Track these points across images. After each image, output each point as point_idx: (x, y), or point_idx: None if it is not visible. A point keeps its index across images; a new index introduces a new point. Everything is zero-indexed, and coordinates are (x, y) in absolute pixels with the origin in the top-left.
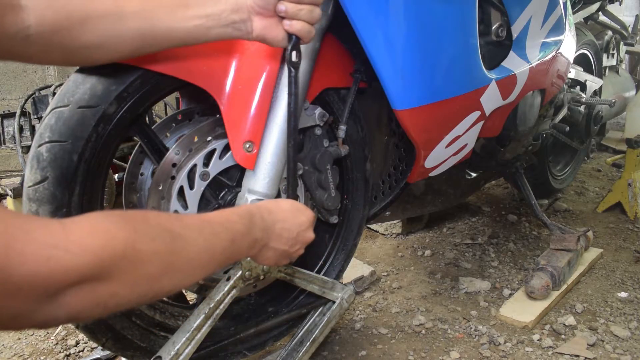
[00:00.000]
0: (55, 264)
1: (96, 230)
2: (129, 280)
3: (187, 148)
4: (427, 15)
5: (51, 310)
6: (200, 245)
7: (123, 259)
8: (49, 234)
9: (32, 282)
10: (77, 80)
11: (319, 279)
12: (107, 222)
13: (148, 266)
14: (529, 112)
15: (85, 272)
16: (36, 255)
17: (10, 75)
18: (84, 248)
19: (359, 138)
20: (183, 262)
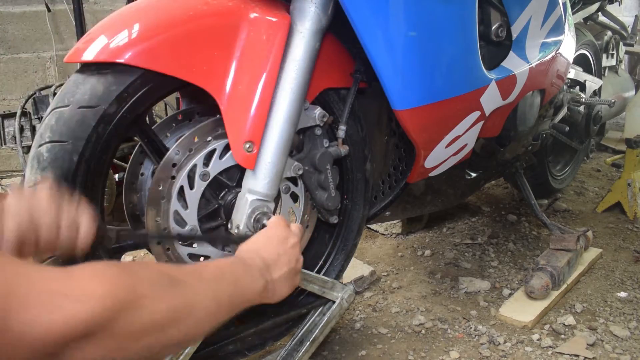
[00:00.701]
0: (57, 312)
1: (99, 277)
2: (134, 331)
3: (187, 148)
4: (427, 16)
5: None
6: (203, 290)
7: (127, 304)
8: (52, 281)
9: (33, 333)
10: (77, 81)
11: (319, 279)
12: (109, 269)
13: (152, 312)
14: (529, 112)
15: (89, 321)
16: (38, 303)
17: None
18: (88, 294)
19: (359, 138)
20: (188, 309)
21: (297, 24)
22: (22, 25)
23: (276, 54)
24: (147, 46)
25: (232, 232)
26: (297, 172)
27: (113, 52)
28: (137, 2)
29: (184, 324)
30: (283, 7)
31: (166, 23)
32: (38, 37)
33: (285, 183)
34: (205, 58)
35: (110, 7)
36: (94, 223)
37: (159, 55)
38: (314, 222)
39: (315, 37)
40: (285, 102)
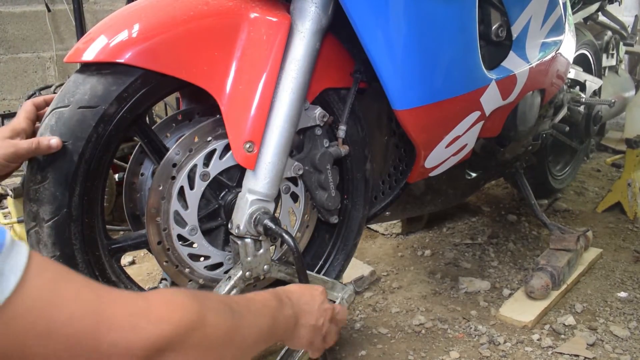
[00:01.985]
0: (140, 332)
1: (173, 304)
2: (199, 351)
3: (188, 148)
4: (427, 16)
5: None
6: (251, 322)
7: (195, 330)
8: (132, 305)
9: (119, 350)
10: (77, 81)
11: (319, 279)
12: (182, 296)
13: (215, 338)
14: (529, 112)
15: (164, 341)
16: (123, 324)
17: (10, 76)
18: (163, 319)
19: (359, 138)
20: (240, 338)
21: (298, 23)
22: (22, 25)
23: (276, 54)
24: (147, 46)
25: (233, 232)
26: (297, 172)
27: (113, 52)
28: (137, 2)
29: (235, 348)
30: (283, 7)
31: (166, 23)
32: (38, 37)
33: (285, 183)
34: (206, 58)
35: (110, 7)
36: None
37: (159, 55)
38: (314, 222)
39: (315, 37)
40: (286, 102)
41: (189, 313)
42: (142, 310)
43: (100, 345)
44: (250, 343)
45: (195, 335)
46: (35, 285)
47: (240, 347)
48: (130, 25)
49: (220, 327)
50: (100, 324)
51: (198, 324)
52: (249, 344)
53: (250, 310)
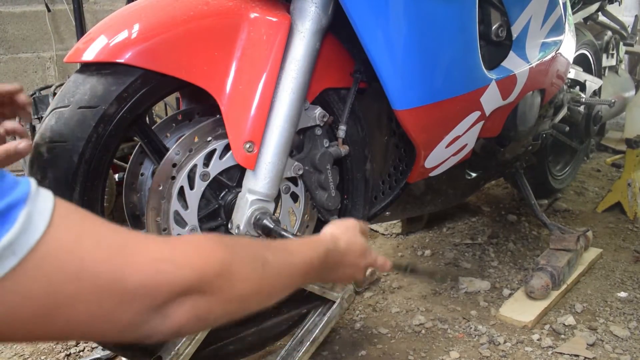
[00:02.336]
0: (163, 275)
1: (198, 248)
2: (224, 297)
3: (188, 148)
4: (427, 16)
5: (158, 323)
6: (283, 274)
7: (220, 277)
8: (157, 249)
9: (143, 291)
10: (77, 81)
11: None
12: (208, 242)
13: (241, 288)
14: (529, 112)
15: (188, 285)
16: (148, 267)
17: (10, 76)
18: (188, 263)
19: (359, 138)
20: (269, 288)
21: (298, 23)
22: (22, 25)
23: (276, 54)
24: (147, 46)
25: (233, 232)
26: (297, 172)
27: (113, 52)
28: (137, 2)
29: (262, 299)
30: (283, 7)
31: (166, 23)
32: (38, 37)
33: (285, 183)
34: (206, 58)
35: (110, 7)
36: None
37: (159, 55)
38: (314, 222)
39: (315, 37)
40: (286, 102)
41: (214, 260)
42: (167, 255)
43: (126, 288)
44: (277, 291)
45: (222, 282)
46: (63, 228)
47: (266, 295)
48: (130, 25)
49: (248, 277)
50: (125, 267)
51: (225, 270)
52: (276, 293)
53: (285, 263)
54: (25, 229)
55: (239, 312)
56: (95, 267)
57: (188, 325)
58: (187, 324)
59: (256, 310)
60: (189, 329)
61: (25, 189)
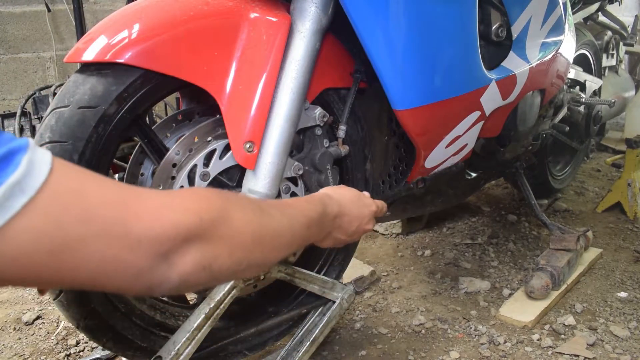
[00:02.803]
0: (166, 221)
1: (196, 196)
2: (227, 243)
3: (188, 148)
4: (427, 16)
5: (165, 270)
6: (284, 223)
7: (221, 221)
8: (157, 198)
9: (148, 237)
10: (77, 81)
11: (319, 279)
12: (205, 191)
13: (242, 233)
14: (529, 112)
15: (190, 229)
16: (149, 214)
17: (10, 76)
18: (188, 209)
19: (359, 138)
20: (270, 237)
21: (298, 23)
22: (22, 25)
23: (276, 54)
24: (148, 46)
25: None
26: (297, 172)
27: (113, 52)
28: (137, 2)
29: (265, 249)
30: (283, 7)
31: (166, 23)
32: (38, 37)
33: (285, 183)
34: (206, 58)
35: (110, 7)
36: None
37: (159, 55)
38: None
39: (315, 37)
40: (286, 102)
41: (214, 204)
42: (167, 202)
43: (131, 232)
44: (280, 244)
45: (222, 227)
46: (65, 174)
47: (270, 247)
48: (130, 25)
49: (247, 222)
50: (128, 213)
51: (223, 215)
52: (279, 246)
53: (284, 214)
54: (30, 171)
55: (245, 261)
56: (100, 211)
57: (195, 273)
58: (194, 271)
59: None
60: (197, 278)
61: (24, 141)
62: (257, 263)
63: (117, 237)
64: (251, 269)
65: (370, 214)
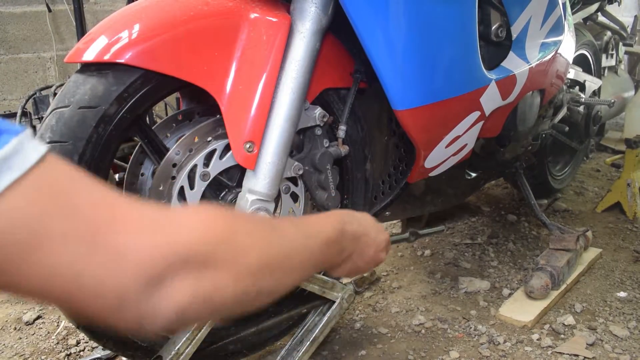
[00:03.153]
0: (160, 239)
1: (199, 215)
2: (230, 269)
3: (188, 148)
4: (427, 16)
5: (159, 300)
6: (298, 241)
7: (224, 243)
8: (152, 211)
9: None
10: (77, 81)
11: (319, 279)
12: (208, 209)
13: (248, 255)
14: (529, 112)
15: (188, 251)
16: (141, 227)
17: (11, 76)
18: (188, 228)
19: (359, 138)
20: (282, 258)
21: (298, 24)
22: (22, 26)
23: (276, 54)
24: (148, 46)
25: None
26: (297, 172)
27: (113, 53)
28: (137, 2)
29: (277, 275)
30: (283, 7)
31: (167, 23)
32: (38, 37)
33: (285, 183)
34: (206, 58)
35: (110, 7)
36: None
37: (159, 55)
38: None
39: (315, 37)
40: (286, 102)
41: (215, 224)
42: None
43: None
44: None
45: (225, 251)
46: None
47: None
48: (131, 25)
49: (254, 243)
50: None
51: (228, 238)
52: (293, 265)
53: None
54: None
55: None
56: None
57: (192, 306)
58: (191, 304)
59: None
60: (194, 312)
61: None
62: (269, 290)
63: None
64: (261, 297)
65: (386, 241)
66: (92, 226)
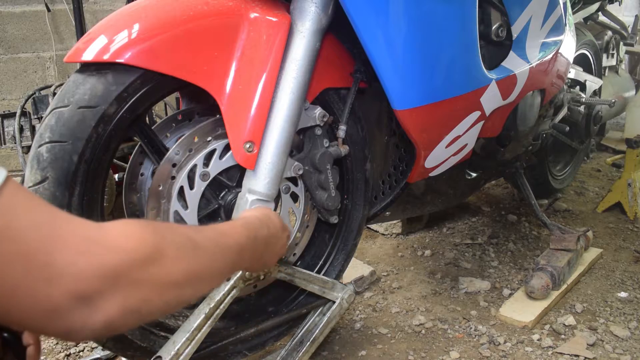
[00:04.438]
0: (93, 258)
1: (129, 233)
2: (157, 285)
3: (187, 148)
4: (427, 16)
5: (88, 315)
6: (217, 256)
7: (153, 262)
8: (88, 230)
9: (70, 273)
10: (77, 81)
11: (319, 279)
12: (139, 227)
13: (174, 272)
14: (529, 112)
15: (117, 269)
16: (77, 246)
17: (10, 75)
18: (119, 247)
19: (359, 138)
20: (203, 271)
21: (298, 23)
22: (21, 25)
23: (276, 54)
24: (147, 46)
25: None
26: (297, 172)
27: (113, 52)
28: (137, 2)
29: (198, 285)
30: (283, 7)
31: (166, 23)
32: (38, 37)
33: (285, 183)
34: (206, 58)
35: (110, 7)
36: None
37: (159, 55)
38: (314, 222)
39: (315, 36)
40: (286, 102)
41: (145, 244)
42: (97, 236)
43: (53, 264)
44: (213, 275)
45: (153, 269)
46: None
47: (203, 283)
48: (130, 25)
49: (180, 260)
50: (54, 240)
51: (156, 256)
52: (211, 279)
53: (217, 245)
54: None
55: (175, 300)
56: (29, 233)
57: (121, 318)
58: (120, 317)
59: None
60: (123, 322)
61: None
62: (188, 299)
63: (38, 266)
64: (180, 305)
65: (288, 237)
66: (32, 247)
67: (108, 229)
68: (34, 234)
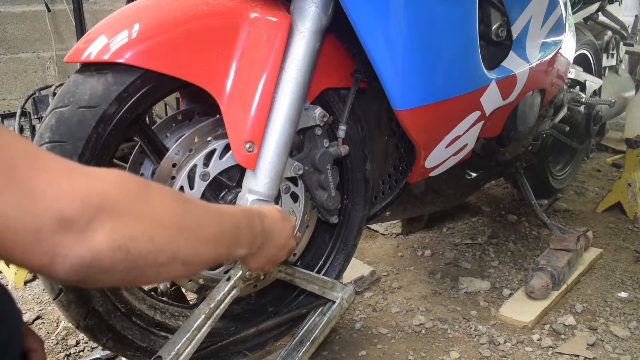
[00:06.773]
0: (75, 181)
1: (114, 172)
2: (145, 223)
3: (187, 148)
4: (427, 16)
5: (73, 241)
6: (209, 215)
7: (138, 198)
8: (69, 163)
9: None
10: (77, 81)
11: (319, 279)
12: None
13: (161, 213)
14: (529, 112)
15: (102, 199)
16: (59, 169)
17: (10, 75)
18: (103, 178)
19: (359, 138)
20: (194, 225)
21: (298, 23)
22: (22, 25)
23: (276, 54)
24: (147, 46)
25: None
26: (297, 172)
27: (113, 52)
28: (137, 2)
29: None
30: (283, 7)
31: (166, 23)
32: (38, 37)
33: (285, 183)
34: (206, 58)
35: (110, 7)
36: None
37: (159, 55)
38: (314, 222)
39: (315, 36)
40: (286, 102)
41: (128, 180)
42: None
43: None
44: (206, 237)
45: (140, 203)
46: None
47: (197, 237)
48: (130, 25)
49: (168, 203)
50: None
51: (142, 192)
52: (205, 238)
53: (209, 209)
54: None
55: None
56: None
57: (108, 253)
58: (107, 251)
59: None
60: (111, 258)
61: None
62: (185, 256)
63: (20, 183)
64: (177, 262)
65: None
66: (11, 164)
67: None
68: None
